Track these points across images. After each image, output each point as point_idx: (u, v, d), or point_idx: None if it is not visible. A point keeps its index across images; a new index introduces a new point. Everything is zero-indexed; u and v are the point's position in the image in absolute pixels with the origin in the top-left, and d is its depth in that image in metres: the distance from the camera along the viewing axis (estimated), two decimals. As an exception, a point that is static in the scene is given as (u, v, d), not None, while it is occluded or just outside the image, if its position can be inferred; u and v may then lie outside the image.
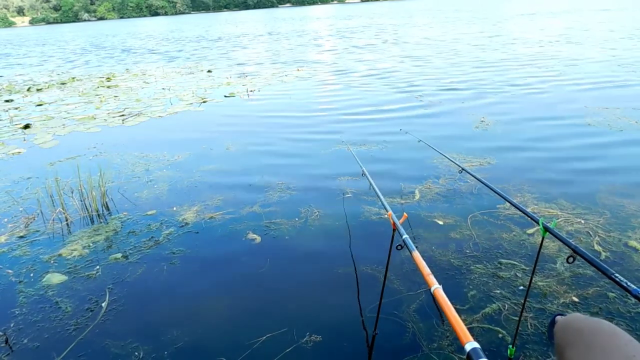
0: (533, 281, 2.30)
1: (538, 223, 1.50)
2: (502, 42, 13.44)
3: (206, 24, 45.36)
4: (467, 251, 2.65)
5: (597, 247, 2.58)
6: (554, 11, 27.07)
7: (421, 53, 12.31)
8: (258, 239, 2.97)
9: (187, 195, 3.76)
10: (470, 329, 2.00)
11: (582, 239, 2.69)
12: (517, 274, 2.40)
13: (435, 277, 1.15)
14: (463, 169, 2.38)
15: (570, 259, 1.37)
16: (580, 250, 1.35)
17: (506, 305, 2.16)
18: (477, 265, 2.49)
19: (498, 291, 2.27)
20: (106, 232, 3.21)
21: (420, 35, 17.61)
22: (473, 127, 5.20)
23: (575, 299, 2.17)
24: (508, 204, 1.80)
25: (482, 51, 11.82)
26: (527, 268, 2.43)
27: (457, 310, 2.11)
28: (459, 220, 3.03)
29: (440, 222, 3.02)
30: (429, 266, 1.20)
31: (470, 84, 7.70)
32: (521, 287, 2.28)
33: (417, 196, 3.44)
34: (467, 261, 2.54)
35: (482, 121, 5.41)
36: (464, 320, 2.02)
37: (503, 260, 2.52)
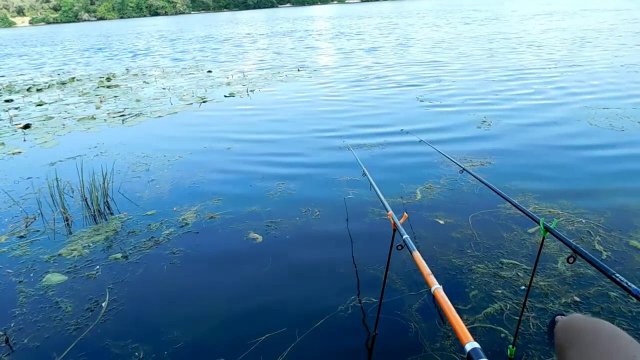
0: (535, 281, 2.30)
1: (539, 223, 1.50)
2: (510, 42, 13.43)
3: (206, 25, 45.38)
4: (469, 251, 2.64)
5: (598, 247, 2.57)
6: (569, 11, 26.86)
7: (423, 53, 12.31)
8: (259, 238, 2.97)
9: (188, 195, 3.76)
10: (472, 329, 1.99)
11: (583, 238, 2.68)
12: (519, 273, 2.39)
13: (437, 276, 1.14)
14: (464, 169, 2.38)
15: (571, 259, 1.37)
16: (581, 250, 1.35)
17: (508, 305, 2.15)
18: (478, 265, 2.49)
19: (500, 291, 2.26)
20: (106, 232, 3.20)
21: (429, 36, 17.60)
22: (475, 127, 5.19)
23: (577, 299, 2.16)
24: (509, 204, 1.80)
25: (487, 52, 11.81)
26: (529, 268, 2.43)
27: (459, 310, 2.12)
28: (460, 220, 3.02)
29: (442, 222, 3.01)
30: (430, 266, 1.20)
31: (471, 84, 7.69)
32: (522, 287, 2.27)
33: (418, 196, 3.44)
34: (468, 261, 2.54)
35: (483, 121, 5.41)
36: (466, 320, 2.04)
37: (504, 260, 2.52)
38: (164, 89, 9.33)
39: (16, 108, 8.16)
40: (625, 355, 0.80)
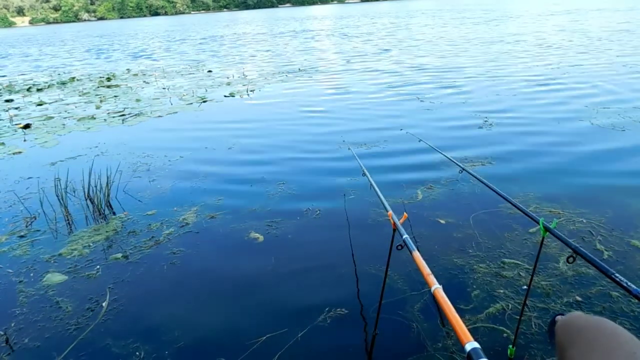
0: (536, 280, 2.29)
1: (538, 223, 1.49)
2: (521, 44, 13.41)
3: (206, 25, 45.37)
4: (470, 250, 2.64)
5: (599, 247, 2.57)
6: (582, 9, 26.60)
7: (427, 54, 12.30)
8: (260, 238, 2.96)
9: (188, 195, 3.76)
10: (474, 329, 1.99)
11: (584, 238, 2.68)
12: (521, 273, 2.39)
13: (439, 276, 1.14)
14: (463, 169, 2.37)
15: (571, 259, 1.36)
16: (581, 250, 1.34)
17: (510, 305, 2.15)
18: (480, 265, 2.48)
19: (501, 291, 2.26)
20: (106, 231, 3.20)
21: (435, 37, 17.58)
22: (476, 127, 5.18)
23: (579, 298, 2.16)
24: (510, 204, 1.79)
25: (489, 52, 11.80)
26: (531, 267, 2.42)
27: (461, 310, 2.11)
28: (461, 219, 3.02)
29: (443, 222, 3.01)
30: (432, 266, 1.20)
31: (473, 85, 7.68)
32: (524, 287, 2.26)
33: (419, 196, 3.43)
34: (469, 260, 2.54)
35: (485, 121, 5.40)
36: (468, 320, 2.03)
37: (506, 260, 2.51)
38: (164, 88, 9.33)
39: (16, 108, 8.16)
40: (626, 353, 0.79)
